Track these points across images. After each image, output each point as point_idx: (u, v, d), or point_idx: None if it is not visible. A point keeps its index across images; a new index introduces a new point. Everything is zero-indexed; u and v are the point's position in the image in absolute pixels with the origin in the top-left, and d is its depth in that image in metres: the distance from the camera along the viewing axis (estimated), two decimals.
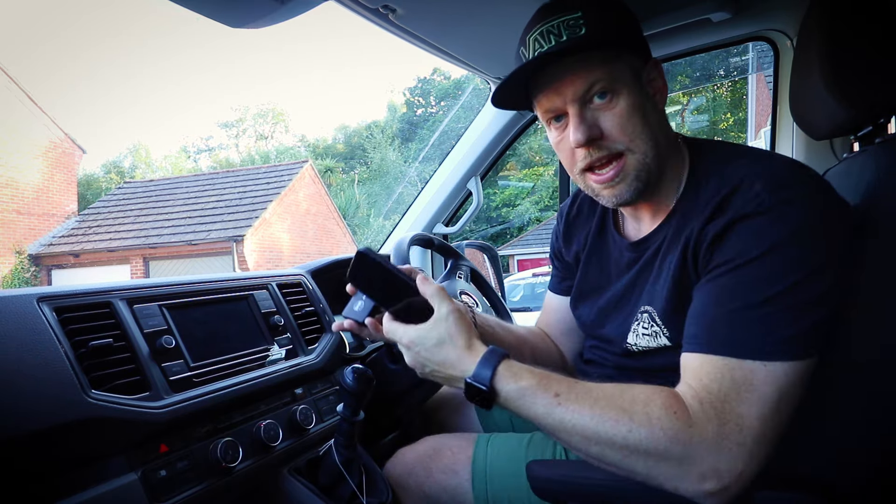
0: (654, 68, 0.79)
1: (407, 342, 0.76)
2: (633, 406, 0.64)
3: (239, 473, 0.86)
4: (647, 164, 0.75)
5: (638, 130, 0.74)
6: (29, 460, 0.66)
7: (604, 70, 0.73)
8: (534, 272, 8.97)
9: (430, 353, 0.74)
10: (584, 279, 0.95)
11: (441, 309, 0.75)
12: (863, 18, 0.81)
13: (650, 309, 0.80)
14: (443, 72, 32.64)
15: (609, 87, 0.74)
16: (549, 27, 0.75)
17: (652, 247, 0.81)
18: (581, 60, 0.74)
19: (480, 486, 0.92)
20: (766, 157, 0.74)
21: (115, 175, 29.81)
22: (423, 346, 0.74)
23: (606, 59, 0.74)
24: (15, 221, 12.10)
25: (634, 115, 0.74)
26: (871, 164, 0.79)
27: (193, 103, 61.58)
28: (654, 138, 0.75)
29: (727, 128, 15.02)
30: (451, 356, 0.73)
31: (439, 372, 0.75)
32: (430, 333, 0.74)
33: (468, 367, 0.71)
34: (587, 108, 0.75)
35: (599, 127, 0.74)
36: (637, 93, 0.75)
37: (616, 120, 0.74)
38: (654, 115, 0.77)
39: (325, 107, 64.19)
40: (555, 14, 0.75)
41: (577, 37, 0.73)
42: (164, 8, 61.89)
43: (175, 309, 0.91)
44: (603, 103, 0.74)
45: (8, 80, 11.88)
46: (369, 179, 26.50)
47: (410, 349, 0.76)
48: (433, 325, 0.74)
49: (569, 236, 1.00)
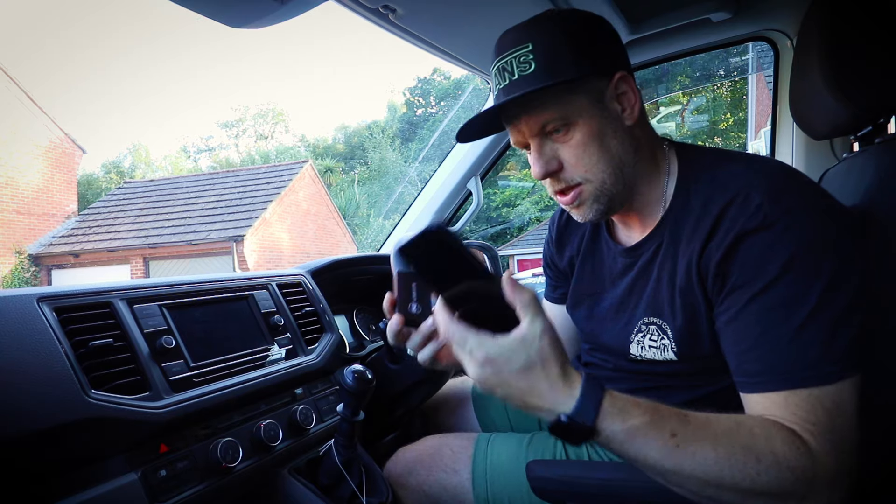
0: (624, 82, 0.76)
1: (482, 357, 0.60)
2: (756, 443, 0.59)
3: (239, 473, 0.86)
4: (606, 190, 0.76)
5: (594, 160, 0.74)
6: (29, 460, 0.66)
7: (556, 106, 0.73)
8: (534, 272, 8.94)
9: (514, 376, 0.59)
10: (579, 284, 0.94)
11: (534, 325, 0.59)
12: (863, 18, 0.81)
13: (658, 321, 0.78)
14: (443, 72, 32.67)
15: (563, 121, 0.74)
16: (504, 63, 0.75)
17: (646, 253, 0.80)
18: (533, 100, 0.73)
19: (481, 486, 0.92)
20: (757, 163, 0.72)
21: (115, 175, 29.80)
22: (505, 366, 0.59)
23: (558, 95, 0.73)
24: (15, 221, 12.10)
25: (591, 145, 0.74)
26: (871, 164, 0.79)
27: (193, 103, 61.67)
28: (612, 164, 0.75)
29: (727, 128, 15.01)
30: (541, 386, 0.59)
31: (520, 400, 0.61)
32: (517, 354, 0.59)
33: (564, 401, 0.59)
34: (547, 141, 0.76)
35: (558, 159, 0.76)
36: (596, 119, 0.74)
37: (573, 152, 0.74)
38: (617, 137, 0.75)
39: (325, 107, 64.30)
40: (508, 48, 0.75)
41: (527, 74, 0.73)
42: (164, 8, 61.98)
43: (175, 309, 0.91)
44: (560, 135, 0.75)
45: (8, 79, 11.89)
46: (369, 179, 26.50)
47: (485, 366, 0.60)
48: (522, 344, 0.59)
49: (561, 243, 0.99)
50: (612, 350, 0.86)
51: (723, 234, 0.69)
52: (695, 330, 0.74)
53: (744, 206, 0.68)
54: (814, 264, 0.63)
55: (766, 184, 0.68)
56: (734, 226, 0.68)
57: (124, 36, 62.57)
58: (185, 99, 62.10)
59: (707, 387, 0.77)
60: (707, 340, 0.73)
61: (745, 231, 0.67)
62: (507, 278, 0.61)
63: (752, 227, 0.66)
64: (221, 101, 61.95)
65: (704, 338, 0.73)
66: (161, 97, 61.78)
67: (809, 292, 0.63)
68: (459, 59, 1.40)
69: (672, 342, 0.76)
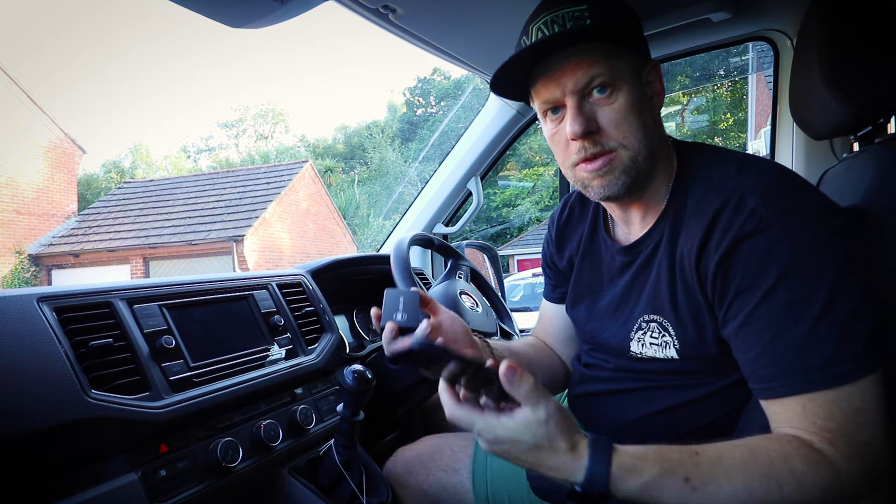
0: (653, 70, 0.79)
1: (491, 438, 0.62)
2: (773, 468, 0.58)
3: (239, 473, 0.86)
4: (638, 163, 0.75)
5: (633, 128, 0.74)
6: (29, 460, 0.66)
7: (606, 64, 0.73)
8: (534, 272, 8.96)
9: (523, 454, 0.62)
10: (578, 282, 0.94)
11: (538, 412, 0.60)
12: (863, 18, 0.81)
13: (658, 319, 0.78)
14: (443, 72, 32.68)
15: (610, 81, 0.73)
16: (554, 17, 0.74)
17: (645, 251, 0.80)
18: (584, 51, 0.73)
19: (480, 485, 0.92)
20: (753, 165, 0.72)
21: (115, 175, 29.80)
22: (513, 446, 0.62)
23: (609, 54, 0.73)
24: (15, 221, 12.10)
25: (632, 113, 0.74)
26: (871, 164, 0.79)
27: (193, 103, 61.64)
28: (647, 138, 0.75)
29: (727, 128, 15.01)
30: (550, 462, 0.61)
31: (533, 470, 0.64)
32: (525, 436, 0.61)
33: (574, 472, 0.60)
34: (585, 101, 0.74)
35: (596, 121, 0.74)
36: (636, 91, 0.75)
37: (613, 115, 0.73)
38: (651, 115, 0.77)
39: (325, 107, 64.23)
40: (560, 5, 0.74)
41: (582, 28, 0.72)
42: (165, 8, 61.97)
43: (175, 309, 0.91)
44: (602, 97, 0.74)
45: (8, 80, 11.88)
46: (369, 179, 26.50)
47: (495, 445, 0.63)
48: (528, 427, 0.61)
49: (561, 242, 0.99)
50: (611, 349, 0.86)
51: (719, 237, 0.69)
52: (697, 328, 0.74)
53: (739, 210, 0.67)
54: (816, 263, 0.63)
55: (761, 186, 0.68)
56: (730, 229, 0.68)
57: (124, 36, 62.63)
58: (185, 99, 62.16)
59: (707, 386, 0.77)
60: (710, 339, 0.73)
61: (743, 235, 0.66)
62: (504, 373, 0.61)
63: (749, 230, 0.66)
64: (221, 102, 61.99)
65: (707, 337, 0.73)
66: (161, 97, 61.83)
67: (815, 292, 0.62)
68: (459, 59, 1.40)
69: (674, 339, 0.76)
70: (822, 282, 0.62)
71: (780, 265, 0.64)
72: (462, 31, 1.25)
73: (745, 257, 0.66)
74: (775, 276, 0.64)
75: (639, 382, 0.83)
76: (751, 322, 0.66)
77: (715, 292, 0.70)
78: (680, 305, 0.75)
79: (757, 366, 0.66)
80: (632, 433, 0.85)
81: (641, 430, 0.83)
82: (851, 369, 0.61)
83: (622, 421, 0.85)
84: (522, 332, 1.69)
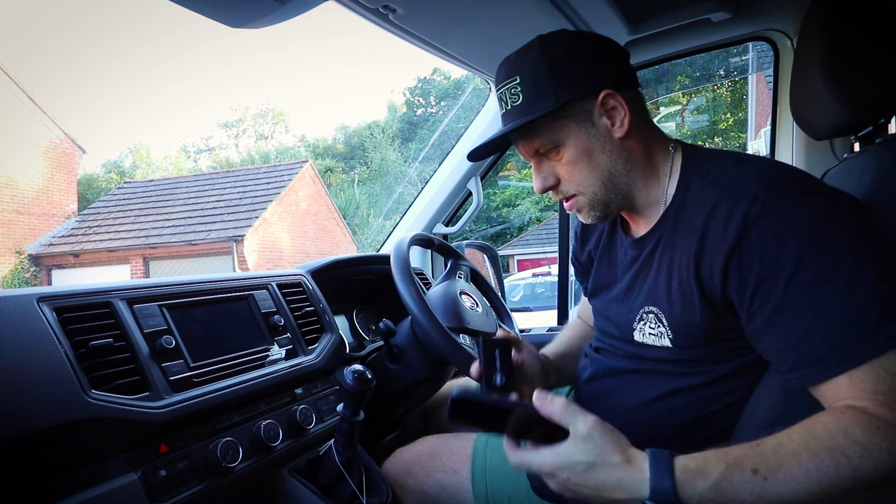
0: (612, 98, 0.79)
1: (549, 470, 0.65)
2: (836, 442, 0.58)
3: (239, 473, 0.86)
4: (599, 200, 0.82)
5: (584, 175, 0.81)
6: (29, 460, 0.66)
7: (545, 133, 0.80)
8: (534, 272, 8.95)
9: (582, 478, 0.63)
10: (597, 275, 0.97)
11: (578, 426, 0.63)
12: (863, 18, 0.81)
13: (655, 310, 0.81)
14: (443, 72, 32.66)
15: (552, 145, 0.81)
16: (500, 94, 0.84)
17: (649, 245, 0.83)
18: (525, 129, 0.81)
19: (480, 485, 0.93)
20: (751, 160, 0.76)
21: (115, 175, 29.79)
22: (571, 472, 0.63)
23: (545, 122, 0.79)
24: (15, 221, 12.10)
25: (580, 163, 0.80)
26: (871, 164, 0.79)
27: (193, 103, 61.59)
28: (602, 177, 0.81)
29: (727, 128, 15.01)
30: (610, 479, 0.62)
31: (601, 497, 0.64)
32: (576, 457, 0.62)
33: (639, 487, 0.61)
34: (543, 160, 0.84)
35: (555, 175, 0.83)
36: (584, 138, 0.80)
37: (565, 168, 0.82)
38: (606, 152, 0.80)
39: (325, 107, 64.18)
40: (502, 80, 0.83)
41: (517, 106, 0.80)
42: (165, 8, 61.95)
43: (175, 309, 0.91)
44: (553, 155, 0.82)
45: (8, 80, 11.88)
46: (369, 179, 26.49)
47: (555, 476, 0.65)
48: (575, 447, 0.63)
49: (584, 238, 1.03)
50: (619, 334, 0.89)
51: (722, 228, 0.70)
52: (689, 320, 0.76)
53: (739, 199, 0.69)
54: (829, 236, 0.64)
55: (758, 175, 0.70)
56: (732, 217, 0.69)
57: (124, 36, 62.56)
58: (185, 99, 62.08)
59: (705, 374, 0.79)
60: (701, 332, 0.75)
61: (750, 221, 0.67)
62: (536, 398, 0.65)
63: (755, 215, 0.67)
64: (221, 102, 61.93)
65: (699, 328, 0.75)
66: (161, 97, 61.75)
67: (839, 261, 0.62)
68: (459, 59, 1.40)
69: (668, 330, 0.79)
70: (841, 250, 0.63)
71: (796, 243, 0.64)
72: (462, 31, 1.25)
73: (759, 243, 0.67)
74: (796, 255, 0.64)
75: (642, 366, 0.85)
76: (784, 305, 0.65)
77: (730, 284, 0.70)
78: (674, 298, 0.77)
79: (803, 349, 0.64)
80: (634, 418, 0.86)
81: (646, 415, 0.85)
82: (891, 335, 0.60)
83: (627, 405, 0.87)
84: (522, 331, 1.69)
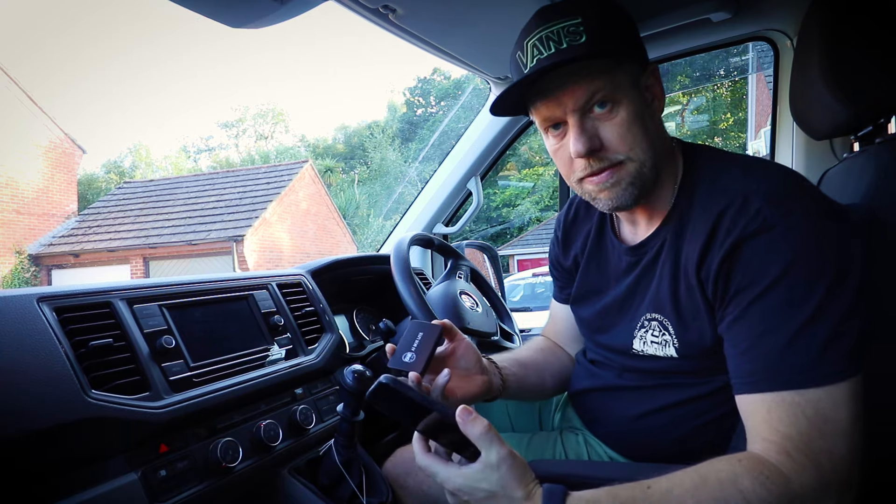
0: (652, 74, 0.78)
1: (451, 488, 0.66)
2: (723, 491, 0.59)
3: (239, 473, 0.86)
4: (644, 173, 0.75)
5: (638, 139, 0.73)
6: (29, 460, 0.66)
7: (605, 79, 0.72)
8: (534, 272, 8.95)
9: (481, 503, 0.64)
10: (584, 281, 0.94)
11: (490, 455, 0.63)
12: (863, 18, 0.81)
13: (659, 318, 0.79)
14: (443, 72, 32.67)
15: (610, 96, 0.72)
16: (549, 33, 0.73)
17: (650, 251, 0.81)
18: (582, 70, 0.72)
19: None
20: (757, 167, 0.72)
21: (115, 175, 29.80)
22: (471, 496, 0.64)
23: (607, 68, 0.72)
24: (15, 221, 12.10)
25: (635, 125, 0.73)
26: (871, 164, 0.79)
27: (193, 103, 61.62)
28: (652, 146, 0.75)
29: (727, 128, 15.01)
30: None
31: None
32: (480, 484, 0.63)
33: None
34: (587, 118, 0.73)
35: (599, 137, 0.73)
36: (637, 101, 0.74)
37: (617, 130, 0.73)
38: (653, 122, 0.76)
39: (325, 107, 64.24)
40: (554, 19, 0.73)
41: (578, 44, 0.71)
42: (165, 8, 61.95)
43: (175, 309, 0.91)
44: (603, 112, 0.73)
45: (8, 80, 11.88)
46: (369, 179, 26.49)
47: (455, 495, 0.67)
48: (482, 474, 0.63)
49: (567, 242, 1.00)
50: (614, 346, 0.87)
51: (722, 237, 0.69)
52: (697, 328, 0.74)
53: (743, 211, 0.68)
54: (815, 267, 0.63)
55: (765, 188, 0.68)
56: (734, 229, 0.68)
57: (124, 36, 62.60)
58: (185, 99, 62.13)
59: (706, 384, 0.78)
60: (709, 340, 0.73)
61: (746, 235, 0.67)
62: (459, 414, 0.63)
63: (752, 230, 0.66)
64: (221, 102, 61.98)
65: (707, 337, 0.73)
66: (161, 97, 61.81)
67: (809, 296, 0.63)
68: (459, 59, 1.40)
69: (674, 338, 0.77)
70: (818, 286, 0.62)
71: (780, 265, 0.64)
72: (462, 31, 1.25)
73: (748, 257, 0.67)
74: (774, 276, 0.64)
75: (640, 380, 0.84)
76: (743, 318, 0.67)
77: (717, 291, 0.70)
78: (681, 305, 0.75)
79: (743, 360, 0.67)
80: (632, 430, 0.85)
81: (641, 427, 0.84)
82: (828, 373, 0.61)
83: (623, 418, 0.86)
84: (522, 331, 1.69)
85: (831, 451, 0.60)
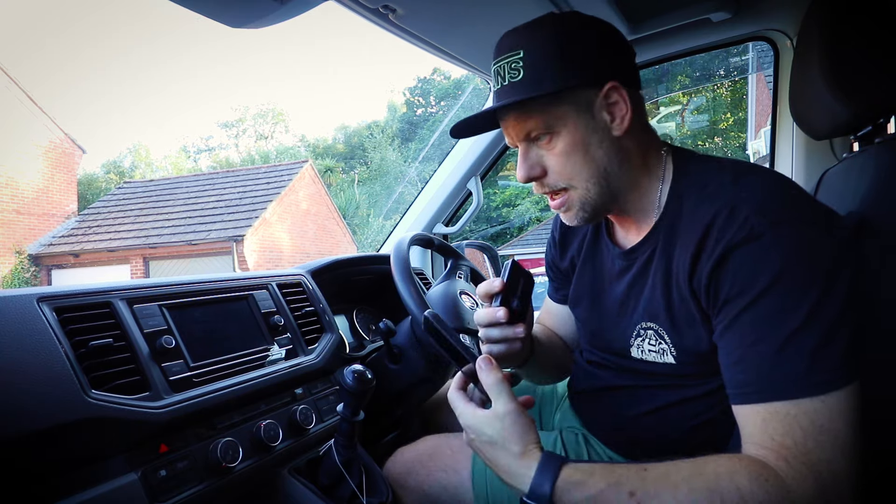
0: (615, 92, 0.74)
1: (464, 423, 0.71)
2: (719, 483, 0.59)
3: (239, 473, 0.86)
4: (591, 198, 0.77)
5: (577, 169, 0.75)
6: (29, 460, 0.66)
7: (539, 117, 0.74)
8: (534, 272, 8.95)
9: (482, 447, 0.69)
10: (580, 282, 0.94)
11: (497, 405, 0.68)
12: (863, 18, 0.81)
13: (655, 326, 0.78)
14: (443, 72, 32.66)
15: (546, 130, 0.75)
16: (498, 66, 0.77)
17: (642, 257, 0.80)
18: (517, 108, 0.75)
19: (480, 485, 0.92)
20: (748, 174, 0.71)
21: (115, 175, 29.79)
22: (477, 438, 0.70)
23: (542, 104, 0.73)
24: (15, 221, 12.10)
25: (574, 154, 0.75)
26: (871, 164, 0.79)
27: (193, 103, 61.59)
28: (596, 173, 0.75)
29: (727, 128, 15.01)
30: (502, 461, 0.67)
31: (493, 469, 0.70)
32: (485, 429, 0.68)
33: (521, 479, 0.65)
34: (532, 146, 0.77)
35: (542, 165, 0.77)
36: (584, 127, 0.74)
37: (556, 160, 0.76)
38: (603, 147, 0.75)
39: (325, 107, 64.22)
40: (503, 52, 0.76)
41: (515, 81, 0.74)
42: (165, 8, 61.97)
43: (175, 309, 0.91)
44: (544, 143, 0.76)
45: (8, 80, 11.88)
46: (369, 179, 26.48)
47: (466, 432, 0.72)
48: (488, 420, 0.68)
49: (563, 244, 1.00)
50: (613, 350, 0.87)
51: (711, 246, 0.68)
52: (693, 337, 0.74)
53: (731, 220, 0.67)
54: (804, 276, 0.63)
55: (754, 196, 0.68)
56: (722, 238, 0.67)
57: (124, 36, 62.55)
58: (185, 99, 62.08)
59: (707, 384, 0.78)
60: (705, 345, 0.73)
61: (734, 244, 0.66)
62: (480, 361, 0.71)
63: (740, 239, 0.66)
64: (221, 102, 61.92)
65: (703, 343, 0.73)
66: (161, 97, 61.74)
67: (799, 304, 0.62)
68: (459, 59, 1.40)
69: (670, 346, 0.77)
70: (808, 295, 0.62)
71: (768, 275, 0.63)
72: (462, 31, 1.25)
73: (736, 266, 0.66)
74: (763, 286, 0.64)
75: (639, 381, 0.84)
76: (734, 327, 0.66)
77: (709, 301, 0.70)
78: (675, 314, 0.75)
79: (735, 371, 0.66)
80: (631, 429, 0.85)
81: (640, 425, 0.84)
82: (820, 382, 0.60)
83: (622, 417, 0.86)
84: None
85: (829, 461, 0.59)
